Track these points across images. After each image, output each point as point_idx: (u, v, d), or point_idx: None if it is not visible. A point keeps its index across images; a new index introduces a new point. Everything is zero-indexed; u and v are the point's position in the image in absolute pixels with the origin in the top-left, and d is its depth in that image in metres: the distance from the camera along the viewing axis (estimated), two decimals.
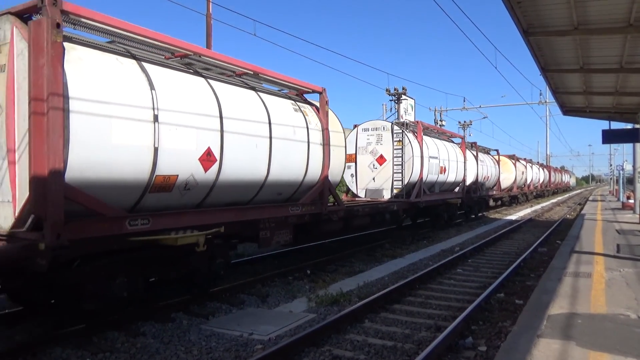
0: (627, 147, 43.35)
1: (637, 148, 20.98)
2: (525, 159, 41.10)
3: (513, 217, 26.29)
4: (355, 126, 16.59)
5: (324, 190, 10.08)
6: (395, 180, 15.63)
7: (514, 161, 34.39)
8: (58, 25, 5.29)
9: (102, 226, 5.82)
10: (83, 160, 5.49)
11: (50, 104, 5.12)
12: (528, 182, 39.23)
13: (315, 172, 9.79)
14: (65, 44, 5.52)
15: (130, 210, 6.29)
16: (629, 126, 19.39)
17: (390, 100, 30.80)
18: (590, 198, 45.84)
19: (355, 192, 16.29)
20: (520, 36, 9.02)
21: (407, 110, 30.93)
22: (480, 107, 43.28)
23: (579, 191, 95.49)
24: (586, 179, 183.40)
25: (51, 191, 5.11)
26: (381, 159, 15.92)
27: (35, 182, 5.15)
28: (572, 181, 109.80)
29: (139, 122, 6.13)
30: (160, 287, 7.57)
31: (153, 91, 6.42)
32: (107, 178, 5.80)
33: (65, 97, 5.31)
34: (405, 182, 15.53)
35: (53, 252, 5.13)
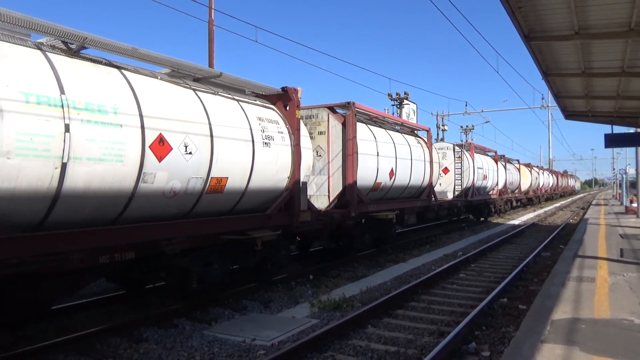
0: (629, 150, 43.30)
1: (639, 152, 20.93)
2: (537, 166, 47.82)
3: (516, 221, 26.21)
4: None
5: (431, 191, 16.78)
6: (456, 185, 21.71)
7: (529, 168, 40.57)
8: (356, 114, 11.71)
9: (363, 207, 12.07)
10: (360, 176, 11.82)
11: (353, 151, 11.40)
12: (540, 186, 45.52)
13: (427, 179, 16.44)
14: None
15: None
16: (632, 130, 19.36)
17: (392, 105, 30.85)
18: (594, 202, 45.67)
19: None
20: (522, 41, 9.05)
21: (410, 115, 30.97)
22: (482, 111, 43.24)
23: (582, 195, 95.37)
24: (589, 183, 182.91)
25: (353, 190, 11.43)
26: (445, 170, 21.59)
27: (348, 187, 11.41)
28: (577, 185, 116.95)
29: (373, 156, 12.69)
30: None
31: (376, 141, 13.09)
32: (363, 184, 12.21)
33: (356, 150, 11.56)
34: (463, 187, 21.82)
35: (355, 218, 11.44)
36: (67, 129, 5.42)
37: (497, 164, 27.91)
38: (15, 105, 5.05)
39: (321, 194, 11.69)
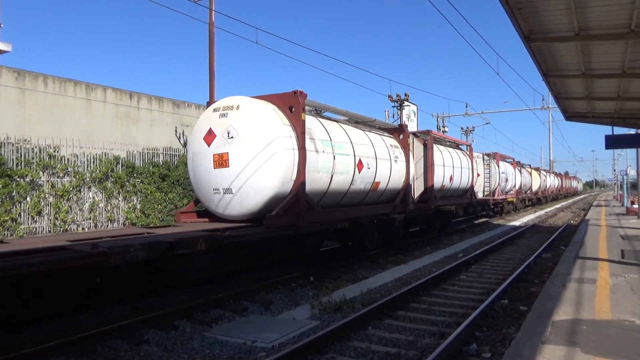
0: (630, 152, 43.32)
1: None
2: (545, 170, 53.86)
3: (517, 222, 26.19)
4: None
5: (473, 191, 22.18)
6: (485, 187, 25.87)
7: (538, 172, 45.53)
8: (432, 139, 16.69)
9: (436, 202, 16.70)
10: (434, 180, 16.48)
11: (430, 163, 16.32)
12: (547, 187, 51.12)
13: (469, 182, 21.74)
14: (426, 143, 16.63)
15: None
16: (632, 131, 19.36)
17: (393, 107, 30.84)
18: (594, 203, 45.61)
19: None
20: (522, 42, 9.05)
21: (410, 116, 30.99)
22: (482, 112, 43.29)
23: (582, 197, 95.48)
24: (590, 185, 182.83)
25: (432, 190, 16.26)
26: (477, 175, 24.85)
27: (428, 188, 16.08)
28: (580, 186, 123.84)
29: (441, 166, 17.64)
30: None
31: (442, 155, 18.12)
32: (435, 186, 16.74)
33: (433, 163, 16.44)
34: (491, 188, 26.50)
35: (434, 209, 16.58)
36: (334, 157, 10.72)
37: (515, 169, 33.16)
38: (321, 147, 10.40)
39: None
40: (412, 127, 30.43)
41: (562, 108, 16.75)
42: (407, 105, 30.61)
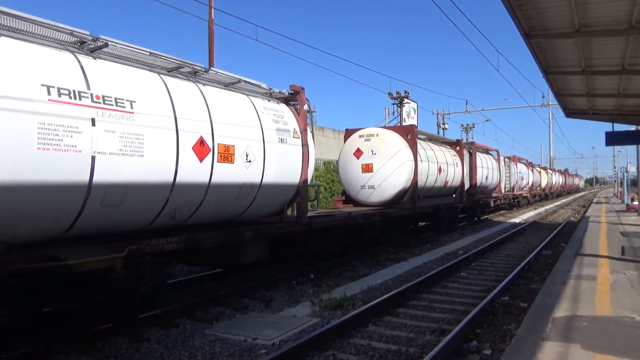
0: (631, 149, 43.28)
1: None
2: (551, 168, 59.33)
3: (517, 220, 26.18)
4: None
5: (499, 187, 26.51)
6: (506, 184, 29.52)
7: (546, 171, 51.18)
8: (475, 149, 22.94)
9: (478, 196, 22.51)
10: (478, 179, 22.31)
11: (474, 167, 21.95)
12: (553, 184, 56.37)
13: (497, 180, 26.26)
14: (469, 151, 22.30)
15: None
16: (632, 128, 19.33)
17: (393, 104, 30.81)
18: (595, 200, 45.60)
19: None
20: (522, 39, 9.02)
21: (410, 113, 30.98)
22: (482, 110, 43.31)
23: (583, 194, 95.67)
24: (590, 182, 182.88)
25: (476, 187, 21.96)
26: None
27: (472, 185, 21.77)
28: (582, 183, 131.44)
29: (480, 168, 23.16)
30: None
31: (480, 159, 23.81)
32: (477, 184, 22.63)
33: (477, 166, 22.32)
34: (511, 185, 31.05)
35: (477, 201, 23.06)
36: (428, 165, 16.18)
37: (528, 168, 38.31)
38: (422, 158, 15.71)
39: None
40: (412, 123, 30.65)
41: (562, 105, 16.72)
42: (407, 103, 30.59)
